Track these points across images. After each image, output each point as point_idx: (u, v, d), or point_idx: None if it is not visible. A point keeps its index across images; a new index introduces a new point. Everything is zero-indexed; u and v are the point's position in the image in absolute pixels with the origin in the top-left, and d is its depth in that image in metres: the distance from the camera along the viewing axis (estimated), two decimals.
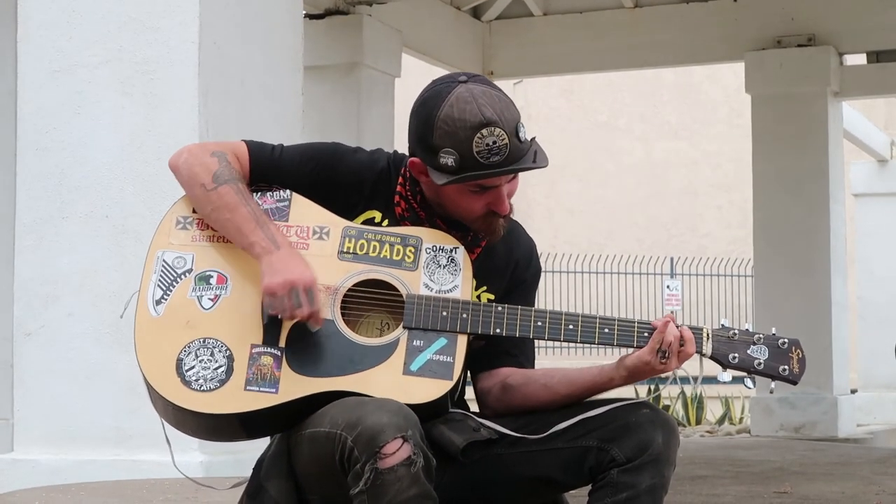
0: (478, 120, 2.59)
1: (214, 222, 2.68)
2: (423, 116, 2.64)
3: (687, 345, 2.65)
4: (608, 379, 2.70)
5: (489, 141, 2.59)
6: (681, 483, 6.20)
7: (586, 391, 2.72)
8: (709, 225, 20.41)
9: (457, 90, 2.62)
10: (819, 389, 10.60)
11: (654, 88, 20.35)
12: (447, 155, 2.61)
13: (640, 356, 2.66)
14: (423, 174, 2.69)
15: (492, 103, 2.61)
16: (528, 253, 2.85)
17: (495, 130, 2.59)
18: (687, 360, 2.66)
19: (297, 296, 2.57)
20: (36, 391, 4.79)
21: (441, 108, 2.61)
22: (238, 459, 4.16)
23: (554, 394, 2.72)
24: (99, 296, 4.70)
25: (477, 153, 2.60)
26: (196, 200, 2.69)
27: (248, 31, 4.93)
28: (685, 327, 2.67)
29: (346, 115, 9.29)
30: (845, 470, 7.24)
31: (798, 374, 2.71)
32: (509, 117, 2.62)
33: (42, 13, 4.85)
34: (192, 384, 2.57)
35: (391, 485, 2.39)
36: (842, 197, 11.16)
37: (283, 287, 2.57)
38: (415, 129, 2.67)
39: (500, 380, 2.76)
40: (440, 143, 2.61)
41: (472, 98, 2.61)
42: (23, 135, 4.86)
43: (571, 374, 2.73)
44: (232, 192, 2.66)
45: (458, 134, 2.59)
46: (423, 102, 2.66)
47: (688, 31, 10.90)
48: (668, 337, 2.63)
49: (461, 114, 2.60)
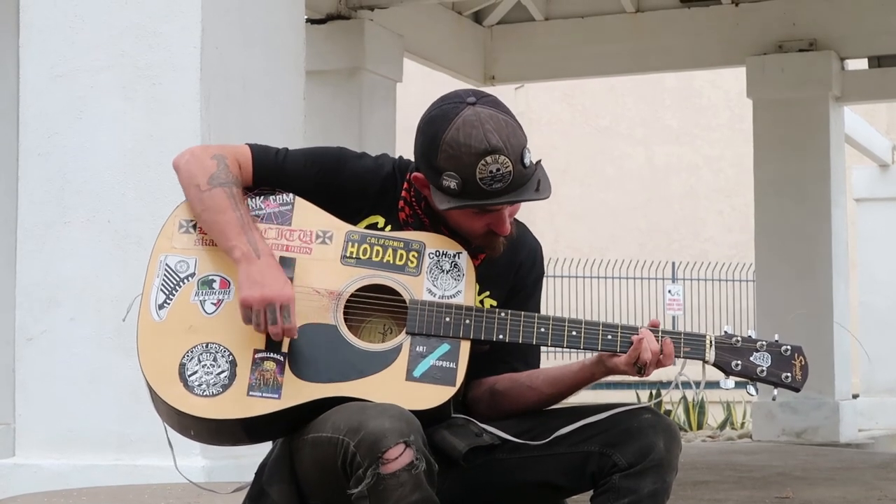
0: (483, 147, 2.58)
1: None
2: (428, 136, 2.64)
3: (665, 358, 2.65)
4: (590, 374, 2.72)
5: (493, 168, 2.59)
6: (682, 488, 6.20)
7: (569, 387, 2.74)
8: (710, 229, 20.41)
9: (464, 113, 2.61)
10: (821, 394, 10.59)
11: (655, 93, 20.36)
12: (450, 178, 2.61)
13: (616, 364, 2.67)
14: (426, 188, 2.69)
15: (498, 129, 2.60)
16: (532, 256, 2.84)
17: (500, 158, 2.59)
18: (665, 367, 2.68)
19: (272, 312, 2.57)
20: (38, 396, 4.78)
21: (447, 131, 2.60)
22: (240, 464, 4.15)
23: (539, 394, 2.74)
24: (101, 300, 4.69)
25: (480, 180, 2.59)
26: (190, 201, 2.70)
27: (250, 36, 4.94)
28: (667, 339, 2.66)
29: (347, 119, 9.29)
30: (847, 475, 7.24)
31: (801, 382, 2.71)
32: (515, 143, 2.61)
33: (44, 18, 4.85)
34: (194, 389, 2.57)
35: (393, 490, 2.39)
36: (843, 201, 11.15)
37: (261, 302, 2.57)
38: (420, 145, 2.67)
39: (488, 387, 2.77)
40: (444, 165, 2.61)
41: (478, 123, 2.60)
42: (25, 140, 4.87)
43: (553, 372, 2.75)
44: (223, 196, 2.66)
45: (462, 159, 2.59)
46: (429, 121, 2.65)
47: (689, 36, 10.90)
48: (643, 355, 2.64)
49: (466, 139, 2.59)
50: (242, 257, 2.61)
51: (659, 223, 20.49)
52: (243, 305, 2.58)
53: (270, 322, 2.57)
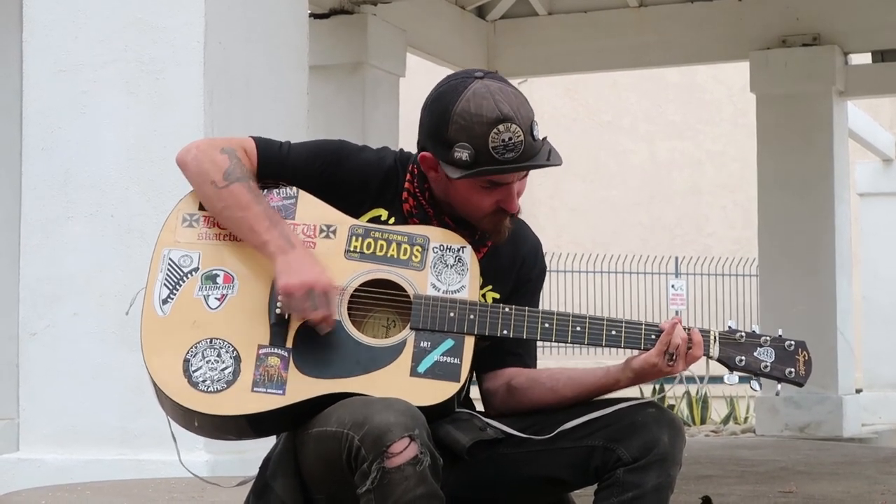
0: (495, 115, 2.59)
1: (226, 220, 2.66)
2: (438, 110, 2.64)
3: (695, 348, 2.65)
4: (614, 380, 2.70)
5: (505, 137, 2.59)
6: (686, 483, 6.20)
7: (592, 393, 2.72)
8: (713, 225, 20.40)
9: (473, 85, 2.62)
10: (824, 389, 10.59)
11: (658, 88, 20.34)
12: (462, 150, 2.60)
13: (646, 358, 2.65)
14: (433, 169, 2.68)
15: (508, 100, 2.61)
16: (534, 251, 2.84)
17: (511, 127, 2.59)
18: (694, 362, 2.66)
19: (313, 298, 2.57)
20: (41, 391, 4.79)
21: (458, 103, 2.61)
22: (244, 459, 4.16)
23: (560, 397, 2.72)
24: (104, 295, 4.70)
25: (492, 149, 2.59)
26: (206, 198, 2.68)
27: (253, 31, 4.93)
28: (694, 329, 2.67)
29: (350, 114, 9.29)
30: (850, 469, 7.24)
31: (804, 377, 2.70)
32: (525, 115, 2.62)
33: (47, 13, 4.85)
34: (198, 385, 2.56)
35: (398, 484, 2.39)
36: (847, 197, 11.14)
37: (301, 288, 2.57)
38: (428, 123, 2.67)
39: (505, 381, 2.76)
40: (455, 137, 2.61)
41: (489, 94, 2.60)
42: (28, 135, 4.87)
43: (577, 375, 2.73)
44: (244, 191, 2.64)
45: (475, 129, 2.59)
46: (438, 96, 2.65)
47: (692, 31, 10.89)
48: (675, 339, 2.63)
49: (478, 109, 2.59)
50: (278, 250, 2.60)
51: (662, 218, 20.47)
52: (284, 293, 2.57)
53: (312, 308, 2.57)
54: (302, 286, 2.56)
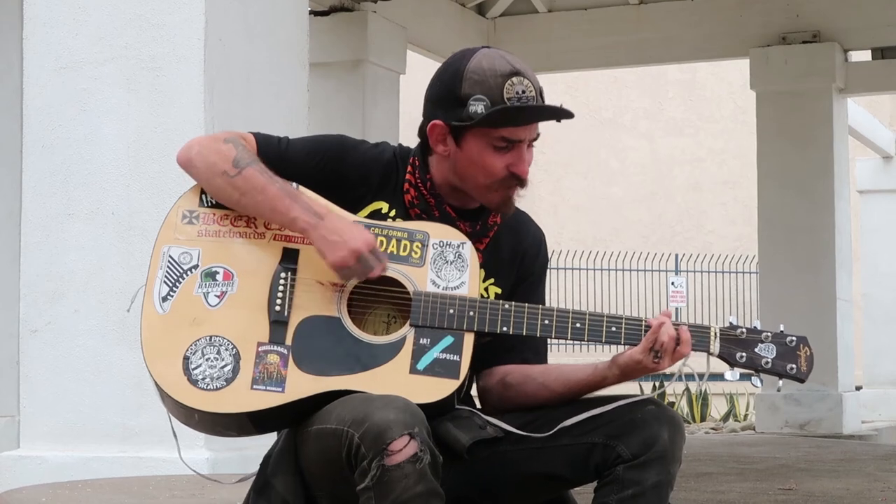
0: (509, 69, 2.64)
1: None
2: (448, 74, 2.68)
3: (682, 345, 2.64)
4: (601, 377, 2.70)
5: (519, 89, 2.62)
6: (686, 480, 6.21)
7: (581, 390, 2.72)
8: (713, 222, 20.40)
9: (482, 50, 2.69)
10: (824, 386, 10.60)
11: (658, 85, 20.34)
12: (477, 102, 2.62)
13: (631, 355, 2.65)
14: (441, 142, 2.69)
15: (518, 61, 2.67)
16: (537, 243, 2.84)
17: (524, 80, 2.64)
18: (681, 359, 2.66)
19: (365, 261, 2.59)
20: (42, 388, 4.79)
21: (470, 62, 2.66)
22: (244, 455, 4.16)
23: (551, 392, 2.72)
24: (105, 293, 4.69)
25: (508, 99, 2.62)
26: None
27: (254, 28, 4.93)
28: (683, 327, 2.65)
29: (351, 111, 9.29)
30: (850, 467, 7.24)
31: (806, 373, 2.70)
32: (535, 77, 2.67)
33: (47, 10, 4.85)
34: (198, 383, 2.56)
35: (398, 481, 2.39)
36: (847, 193, 11.15)
37: (352, 258, 2.58)
38: (437, 90, 2.69)
39: (500, 378, 2.76)
40: (469, 91, 2.63)
41: (498, 55, 2.67)
42: (29, 132, 4.86)
43: (567, 371, 2.73)
44: (257, 174, 2.64)
45: (489, 81, 2.63)
46: (446, 65, 2.71)
47: (693, 28, 10.89)
48: (661, 337, 2.63)
49: (491, 64, 2.64)
50: (308, 226, 2.61)
51: (662, 215, 20.47)
52: (339, 267, 2.59)
53: (369, 269, 2.59)
54: (351, 255, 2.58)
